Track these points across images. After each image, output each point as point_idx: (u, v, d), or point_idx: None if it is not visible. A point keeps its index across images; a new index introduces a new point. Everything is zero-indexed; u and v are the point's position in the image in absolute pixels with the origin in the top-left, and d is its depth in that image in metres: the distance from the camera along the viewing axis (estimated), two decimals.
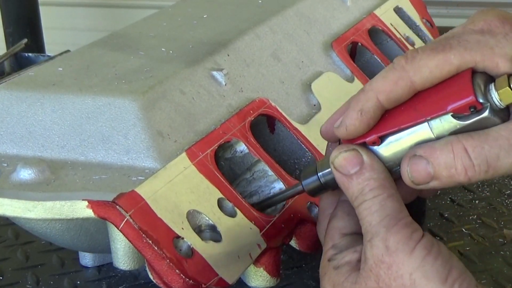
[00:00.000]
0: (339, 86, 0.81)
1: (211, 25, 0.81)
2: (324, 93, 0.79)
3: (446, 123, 0.51)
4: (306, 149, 0.71)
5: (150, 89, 0.64)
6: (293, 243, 0.64)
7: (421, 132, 0.52)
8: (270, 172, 0.66)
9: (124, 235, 0.55)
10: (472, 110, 0.50)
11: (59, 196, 0.57)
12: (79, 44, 0.83)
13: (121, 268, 0.59)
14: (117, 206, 0.55)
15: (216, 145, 0.64)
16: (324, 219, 0.60)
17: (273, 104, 0.72)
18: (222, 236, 0.59)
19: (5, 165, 0.63)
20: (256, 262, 0.61)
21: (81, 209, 0.56)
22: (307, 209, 0.66)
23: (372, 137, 0.54)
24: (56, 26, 2.18)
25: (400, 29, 0.97)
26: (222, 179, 0.62)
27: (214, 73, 0.70)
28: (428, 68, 0.51)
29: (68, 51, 0.85)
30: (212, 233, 0.59)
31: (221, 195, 0.61)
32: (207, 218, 0.59)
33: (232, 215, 0.61)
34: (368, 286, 0.53)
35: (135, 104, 0.62)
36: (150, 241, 0.54)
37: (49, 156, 0.63)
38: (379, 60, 0.89)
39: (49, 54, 1.26)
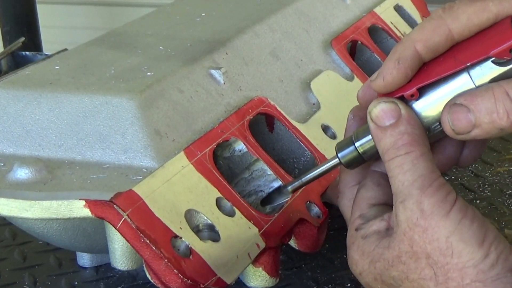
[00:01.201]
0: (338, 84, 0.81)
1: (209, 24, 0.81)
2: (324, 92, 0.78)
3: (487, 69, 0.50)
4: (305, 148, 0.71)
5: (147, 88, 0.64)
6: (292, 243, 0.64)
7: (461, 82, 0.51)
8: (269, 171, 0.66)
9: (122, 235, 0.55)
10: None
11: (56, 196, 0.57)
12: (76, 42, 0.83)
13: (119, 268, 0.59)
14: (115, 206, 0.54)
15: (214, 144, 0.64)
16: (348, 190, 0.59)
17: (272, 103, 0.72)
18: (220, 235, 0.58)
19: (2, 164, 0.62)
20: (255, 262, 0.61)
21: (78, 209, 0.56)
22: (306, 208, 0.65)
23: (411, 90, 0.52)
24: (54, 24, 2.18)
25: (400, 27, 0.97)
26: (221, 178, 0.62)
27: (213, 71, 0.70)
28: (466, 15, 0.51)
29: (65, 49, 0.85)
30: (210, 233, 0.59)
31: (219, 195, 0.61)
32: (205, 218, 0.59)
33: (231, 214, 0.60)
34: (402, 250, 0.52)
35: (132, 103, 0.62)
36: (148, 241, 0.54)
37: (46, 156, 0.63)
38: (379, 59, 0.89)
39: (46, 53, 1.26)
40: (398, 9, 1.01)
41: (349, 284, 0.71)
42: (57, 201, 0.56)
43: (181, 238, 0.56)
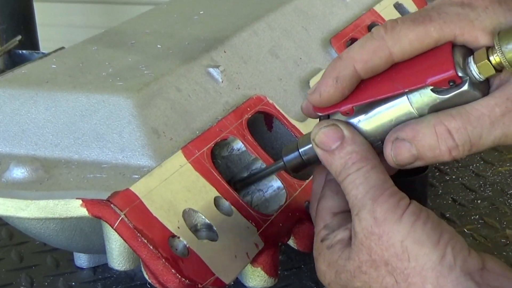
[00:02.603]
0: None
1: (207, 22, 0.81)
2: None
3: (426, 97, 0.51)
4: None
5: (145, 86, 0.64)
6: (291, 242, 0.64)
7: (401, 106, 0.52)
8: None
9: (119, 234, 0.54)
10: (451, 84, 0.50)
11: (53, 195, 0.57)
12: (73, 41, 0.83)
13: (117, 268, 0.59)
14: (112, 205, 0.54)
15: (212, 143, 0.63)
16: (316, 200, 0.59)
17: (270, 101, 0.71)
18: (218, 235, 0.58)
19: None
20: (254, 261, 0.60)
21: (75, 208, 0.56)
22: (305, 208, 0.65)
23: (347, 107, 0.54)
24: (51, 22, 2.18)
25: None
26: (219, 178, 0.61)
27: (211, 70, 0.70)
28: (407, 39, 0.51)
29: (62, 48, 0.85)
30: (208, 232, 0.58)
31: (217, 194, 0.60)
32: (203, 217, 0.58)
33: (229, 214, 0.60)
34: (361, 260, 0.53)
35: (130, 101, 0.62)
36: (145, 240, 0.54)
37: (42, 155, 0.63)
38: None
39: (43, 51, 1.26)
40: (398, 7, 1.00)
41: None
42: (53, 201, 0.56)
43: (178, 237, 0.56)
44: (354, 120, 0.54)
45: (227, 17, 0.82)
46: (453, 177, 0.89)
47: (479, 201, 0.84)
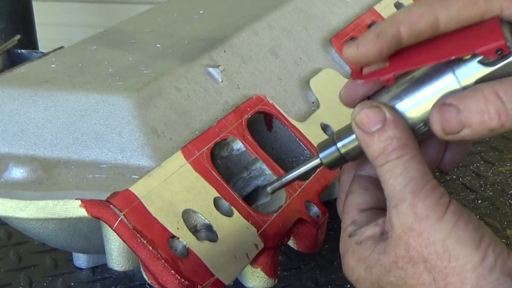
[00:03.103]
0: (338, 83, 0.81)
1: (207, 21, 0.81)
2: (323, 90, 0.78)
3: (473, 69, 0.50)
4: (304, 147, 0.70)
5: (144, 86, 0.63)
6: (291, 243, 0.64)
7: (446, 82, 0.51)
8: (268, 171, 0.65)
9: (118, 235, 0.54)
10: (499, 53, 0.49)
11: (52, 195, 0.57)
12: (73, 40, 0.83)
13: (116, 269, 0.59)
14: (111, 205, 0.54)
15: (212, 143, 0.63)
16: (343, 194, 0.58)
17: (270, 101, 0.71)
18: (218, 235, 0.58)
19: None
20: (253, 262, 0.60)
21: (74, 209, 0.56)
22: (305, 208, 0.65)
23: (388, 76, 0.51)
24: (50, 22, 2.18)
25: None
26: (219, 178, 0.61)
27: (210, 69, 0.70)
28: (456, 6, 0.50)
29: (61, 47, 0.85)
30: (208, 233, 0.58)
31: (217, 194, 0.60)
32: (203, 218, 0.58)
33: (229, 214, 0.60)
34: (398, 255, 0.51)
35: (129, 101, 0.62)
36: (145, 241, 0.54)
37: (41, 155, 0.63)
38: None
39: (42, 51, 1.26)
40: (399, 6, 1.00)
41: (348, 285, 0.71)
42: (52, 201, 0.56)
43: (178, 238, 0.56)
44: (396, 102, 0.52)
45: (227, 17, 0.81)
46: (454, 177, 0.89)
47: (479, 201, 0.84)
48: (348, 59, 0.53)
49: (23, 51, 1.22)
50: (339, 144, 0.55)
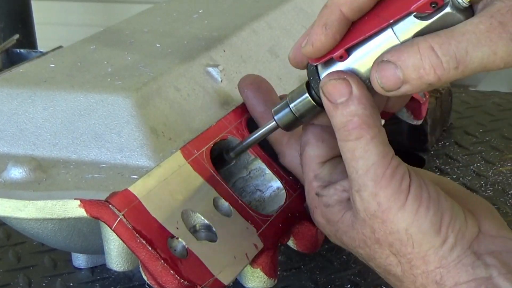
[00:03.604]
0: None
1: (206, 20, 0.80)
2: None
3: (410, 25, 0.51)
4: None
5: (144, 86, 0.63)
6: (291, 243, 0.64)
7: (385, 37, 0.52)
8: (267, 171, 0.65)
9: (117, 235, 0.54)
10: (434, 6, 0.49)
11: (51, 195, 0.57)
12: (72, 39, 0.82)
13: (115, 269, 0.58)
14: (110, 205, 0.54)
15: (211, 142, 0.63)
16: (285, 148, 0.61)
17: None
18: (217, 236, 0.58)
19: None
20: (253, 262, 0.60)
21: (73, 209, 0.55)
22: (304, 208, 0.65)
23: (339, 52, 0.53)
24: (49, 21, 2.18)
25: None
26: (218, 178, 0.61)
27: (210, 69, 0.70)
28: None
29: (60, 47, 0.85)
30: (207, 233, 0.58)
31: (216, 194, 0.60)
32: (202, 218, 0.58)
33: (228, 214, 0.60)
34: (365, 235, 0.54)
35: (128, 101, 0.61)
36: (144, 241, 0.54)
37: (40, 155, 0.62)
38: None
39: (41, 50, 1.26)
40: None
41: (348, 286, 0.71)
42: (51, 201, 0.56)
43: (177, 238, 0.55)
44: (350, 65, 0.54)
45: (226, 16, 0.81)
46: (454, 177, 0.89)
47: None
48: (308, 56, 0.55)
49: (21, 50, 1.22)
50: (292, 105, 0.57)
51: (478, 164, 0.92)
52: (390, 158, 0.53)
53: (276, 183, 0.65)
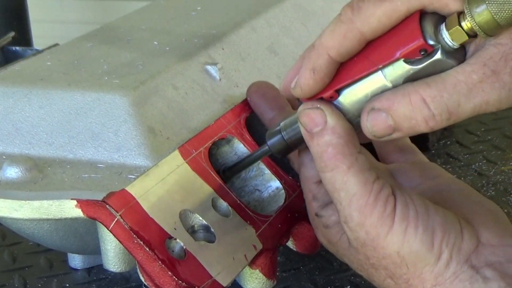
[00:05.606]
0: None
1: (205, 18, 0.80)
2: None
3: (399, 69, 0.50)
4: None
5: (141, 84, 0.63)
6: (290, 244, 0.64)
7: (375, 80, 0.51)
8: (266, 171, 0.65)
9: (115, 236, 0.54)
10: (423, 53, 0.49)
11: (47, 195, 0.56)
12: (68, 37, 0.82)
13: (112, 270, 0.58)
14: (107, 206, 0.54)
15: (210, 142, 0.63)
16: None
17: None
18: (216, 236, 0.57)
19: None
20: (252, 263, 0.60)
21: (70, 209, 0.55)
22: (304, 209, 0.64)
23: (329, 93, 0.53)
24: (45, 18, 2.18)
25: None
26: (216, 178, 0.61)
27: (208, 67, 0.69)
28: (376, 17, 0.50)
29: (56, 44, 0.84)
30: (205, 234, 0.58)
31: (215, 194, 0.60)
32: (200, 218, 0.58)
33: (227, 215, 0.60)
34: (360, 260, 0.55)
35: (126, 99, 0.61)
36: (142, 242, 0.53)
37: (36, 154, 0.62)
38: None
39: (37, 48, 1.26)
40: None
41: (348, 286, 0.71)
42: (47, 201, 0.56)
43: (175, 239, 0.55)
44: (336, 100, 0.54)
45: (225, 13, 0.81)
46: (455, 176, 0.88)
47: None
48: (298, 98, 0.55)
49: (17, 48, 1.21)
50: (284, 134, 0.58)
51: (480, 163, 0.92)
52: (372, 184, 0.53)
53: (275, 183, 0.65)
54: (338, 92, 0.53)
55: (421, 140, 0.94)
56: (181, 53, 0.70)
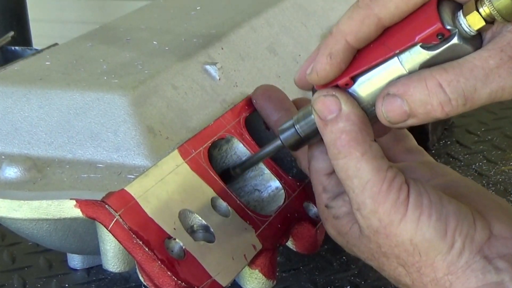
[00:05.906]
0: None
1: (204, 18, 0.80)
2: None
3: (416, 55, 0.50)
4: None
5: (140, 84, 0.63)
6: (290, 244, 0.63)
7: (392, 67, 0.51)
8: (266, 170, 0.65)
9: (114, 236, 0.54)
10: (440, 37, 0.49)
11: (46, 195, 0.56)
12: (67, 37, 0.82)
13: (111, 270, 0.58)
14: (106, 206, 0.53)
15: (209, 142, 0.63)
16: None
17: None
18: (215, 236, 0.57)
19: None
20: (251, 263, 0.59)
21: (69, 209, 0.55)
22: (304, 208, 0.65)
23: (345, 79, 0.53)
24: (44, 18, 2.18)
25: None
26: (216, 178, 0.61)
27: (208, 67, 0.69)
28: (393, 3, 0.50)
29: (56, 44, 0.84)
30: (205, 234, 0.57)
31: (214, 194, 0.60)
32: (200, 218, 0.57)
33: (226, 214, 0.59)
34: (372, 249, 0.54)
35: (125, 99, 0.61)
36: (141, 242, 0.53)
37: (35, 154, 0.62)
38: None
39: (36, 48, 1.25)
40: None
41: (348, 287, 0.71)
42: (47, 201, 0.56)
43: (175, 239, 0.55)
44: (351, 88, 0.54)
45: (224, 13, 0.81)
46: None
47: None
48: (314, 84, 0.55)
49: (16, 48, 1.21)
50: (298, 126, 0.57)
51: (480, 163, 0.91)
52: (385, 171, 0.53)
53: (275, 183, 0.65)
54: (354, 79, 0.53)
55: (421, 140, 0.94)
56: (180, 53, 0.70)
